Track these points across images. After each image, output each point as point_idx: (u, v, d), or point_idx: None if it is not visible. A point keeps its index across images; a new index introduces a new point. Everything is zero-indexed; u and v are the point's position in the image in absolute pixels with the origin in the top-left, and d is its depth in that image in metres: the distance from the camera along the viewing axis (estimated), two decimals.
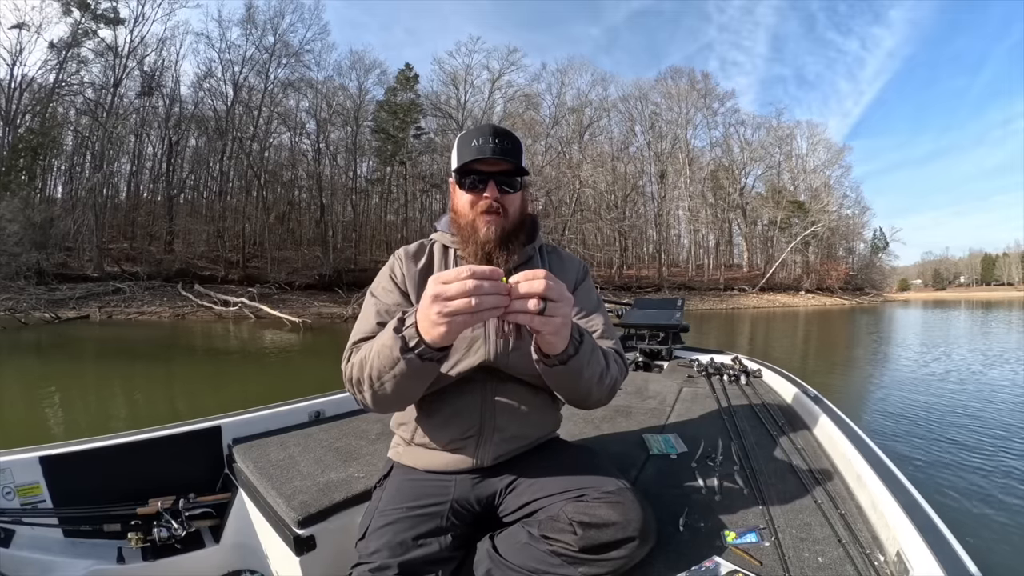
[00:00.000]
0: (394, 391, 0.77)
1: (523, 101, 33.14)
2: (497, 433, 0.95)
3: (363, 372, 0.79)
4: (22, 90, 22.84)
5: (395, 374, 0.73)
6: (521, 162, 0.93)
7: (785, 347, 11.29)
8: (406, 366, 0.71)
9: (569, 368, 0.77)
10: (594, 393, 0.88)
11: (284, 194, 29.72)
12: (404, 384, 0.75)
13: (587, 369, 0.81)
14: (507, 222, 0.94)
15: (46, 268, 18.58)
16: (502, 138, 0.91)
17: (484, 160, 0.90)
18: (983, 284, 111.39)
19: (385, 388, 0.77)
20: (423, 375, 0.74)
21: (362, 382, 0.80)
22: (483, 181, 0.92)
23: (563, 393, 0.90)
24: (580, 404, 0.93)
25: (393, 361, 0.72)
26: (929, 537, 0.75)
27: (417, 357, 0.70)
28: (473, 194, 0.93)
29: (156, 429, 1.35)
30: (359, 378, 0.81)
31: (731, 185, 40.84)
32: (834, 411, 1.45)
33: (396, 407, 0.92)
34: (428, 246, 1.03)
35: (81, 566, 1.10)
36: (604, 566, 0.78)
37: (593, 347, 0.83)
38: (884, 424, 4.29)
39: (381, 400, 0.81)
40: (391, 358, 0.72)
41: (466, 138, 0.93)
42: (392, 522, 0.85)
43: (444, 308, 0.62)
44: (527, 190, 1.02)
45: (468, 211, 0.93)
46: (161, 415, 4.52)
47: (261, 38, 26.42)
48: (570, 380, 0.81)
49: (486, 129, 0.92)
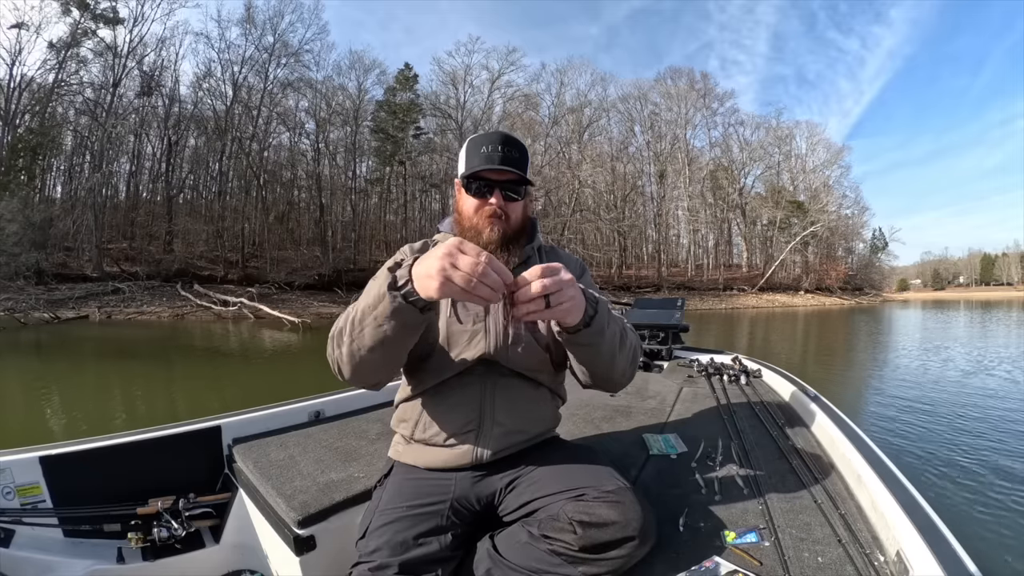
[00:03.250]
0: (371, 339, 0.77)
1: (522, 101, 33.22)
2: (497, 427, 0.96)
3: (346, 320, 0.81)
4: (21, 90, 22.82)
5: (376, 315, 0.75)
6: (527, 172, 0.96)
7: (785, 347, 11.30)
8: (389, 304, 0.72)
9: (592, 329, 0.81)
10: (618, 358, 0.89)
11: (283, 194, 29.69)
12: (381, 331, 0.75)
13: (608, 327, 0.84)
14: (509, 227, 0.97)
15: (45, 268, 18.58)
16: (510, 147, 0.94)
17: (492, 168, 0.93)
18: (982, 284, 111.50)
19: (363, 336, 0.78)
20: (401, 322, 0.74)
21: (343, 333, 0.82)
22: (489, 188, 0.95)
23: (590, 364, 0.90)
24: (607, 375, 0.92)
25: (379, 297, 0.74)
26: (929, 537, 0.75)
27: (402, 297, 0.72)
28: (479, 199, 0.95)
29: (156, 429, 1.35)
30: (341, 328, 0.82)
31: (730, 185, 40.85)
32: (834, 411, 1.45)
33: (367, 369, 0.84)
34: (432, 245, 1.04)
35: (81, 566, 1.10)
36: (604, 565, 0.78)
37: (608, 305, 0.87)
38: (884, 424, 4.29)
39: (354, 355, 0.80)
40: (378, 294, 0.74)
41: (476, 143, 0.96)
42: (392, 521, 0.85)
43: (447, 270, 0.65)
44: (530, 197, 1.05)
45: (472, 215, 0.96)
46: (161, 415, 4.52)
47: (260, 38, 26.46)
48: (596, 342, 0.84)
49: (496, 137, 0.94)
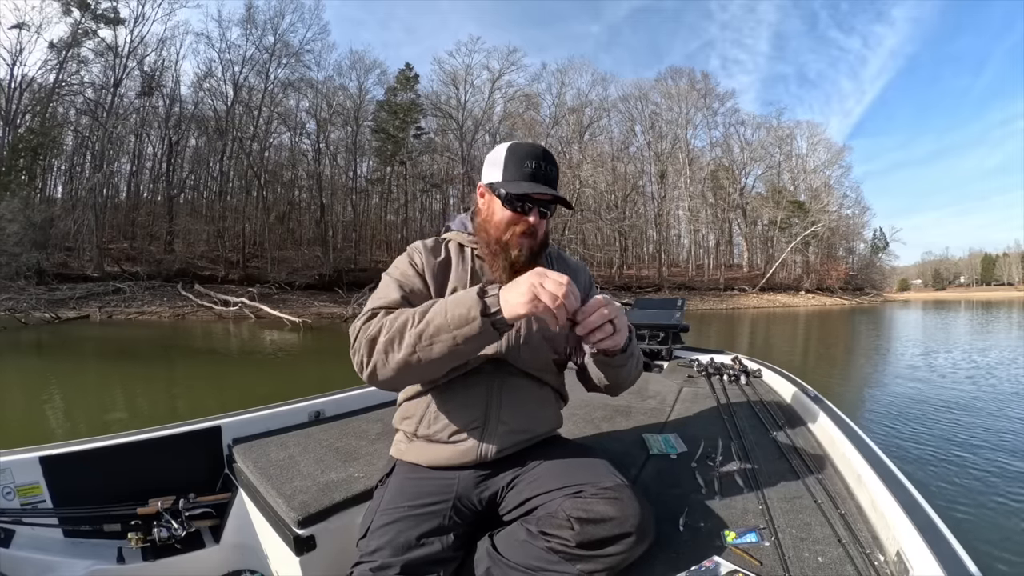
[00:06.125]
0: (439, 353, 0.79)
1: (523, 101, 33.19)
2: (502, 426, 0.96)
3: (403, 329, 0.81)
4: (22, 90, 22.86)
5: (456, 335, 0.77)
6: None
7: (785, 347, 11.29)
8: (478, 328, 0.77)
9: (627, 353, 0.95)
10: (633, 371, 1.03)
11: (284, 194, 29.74)
12: (455, 349, 0.79)
13: (635, 348, 0.99)
14: (535, 243, 0.97)
15: (46, 268, 18.60)
16: (550, 164, 0.94)
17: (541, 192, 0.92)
18: (983, 284, 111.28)
19: (431, 350, 0.79)
20: (479, 344, 0.80)
21: (395, 342, 0.81)
22: (530, 206, 0.94)
23: (615, 379, 1.02)
24: (622, 385, 1.05)
25: (464, 319, 0.77)
26: (929, 537, 0.75)
27: (491, 323, 0.77)
28: (516, 215, 0.94)
29: (156, 429, 1.35)
30: (391, 338, 0.81)
31: (731, 185, 40.82)
32: (834, 411, 1.45)
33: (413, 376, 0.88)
34: (443, 243, 1.05)
35: (81, 566, 1.10)
36: (601, 563, 0.78)
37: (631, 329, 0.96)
38: (884, 424, 4.29)
39: (410, 364, 0.80)
40: (465, 317, 0.77)
41: (518, 156, 0.93)
42: (394, 521, 0.85)
43: (536, 288, 0.74)
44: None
45: (504, 227, 0.95)
46: (161, 415, 4.52)
47: (261, 38, 26.46)
48: (628, 363, 0.98)
49: (539, 152, 0.94)
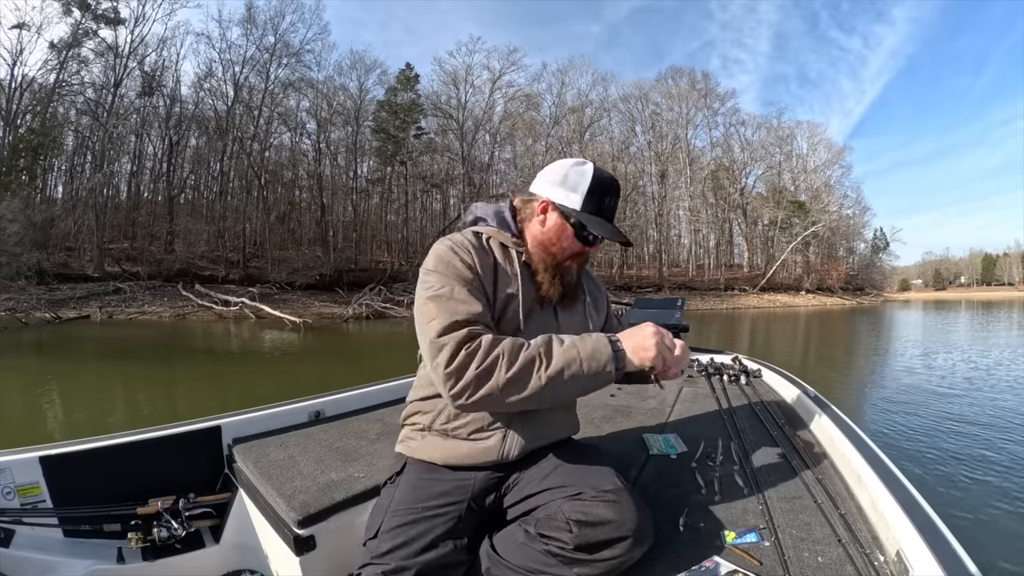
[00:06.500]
0: (570, 393, 0.87)
1: (523, 101, 33.18)
2: (526, 426, 0.95)
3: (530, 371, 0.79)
4: (22, 90, 22.88)
5: (588, 384, 0.83)
6: None
7: (785, 347, 11.29)
8: (612, 379, 0.83)
9: None
10: None
11: (284, 194, 29.76)
12: (584, 390, 0.85)
13: None
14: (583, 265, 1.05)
15: (47, 268, 18.62)
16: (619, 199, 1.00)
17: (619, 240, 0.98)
18: (983, 284, 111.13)
19: (561, 393, 0.82)
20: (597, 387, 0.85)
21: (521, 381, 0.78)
22: (596, 240, 0.97)
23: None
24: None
25: (601, 371, 0.81)
26: (929, 537, 0.75)
27: (618, 373, 0.82)
28: (582, 244, 0.97)
29: (156, 429, 1.35)
30: (515, 377, 0.78)
31: (731, 185, 40.79)
32: (834, 411, 1.45)
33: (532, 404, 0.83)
34: (484, 240, 0.98)
35: (81, 566, 1.10)
36: (598, 567, 0.78)
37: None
38: (884, 424, 4.29)
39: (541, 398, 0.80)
40: (601, 370, 0.81)
41: (601, 190, 0.95)
42: (407, 522, 0.84)
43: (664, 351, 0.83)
44: None
45: (568, 254, 0.98)
46: (161, 415, 4.53)
47: (261, 38, 26.47)
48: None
49: (616, 189, 0.98)
